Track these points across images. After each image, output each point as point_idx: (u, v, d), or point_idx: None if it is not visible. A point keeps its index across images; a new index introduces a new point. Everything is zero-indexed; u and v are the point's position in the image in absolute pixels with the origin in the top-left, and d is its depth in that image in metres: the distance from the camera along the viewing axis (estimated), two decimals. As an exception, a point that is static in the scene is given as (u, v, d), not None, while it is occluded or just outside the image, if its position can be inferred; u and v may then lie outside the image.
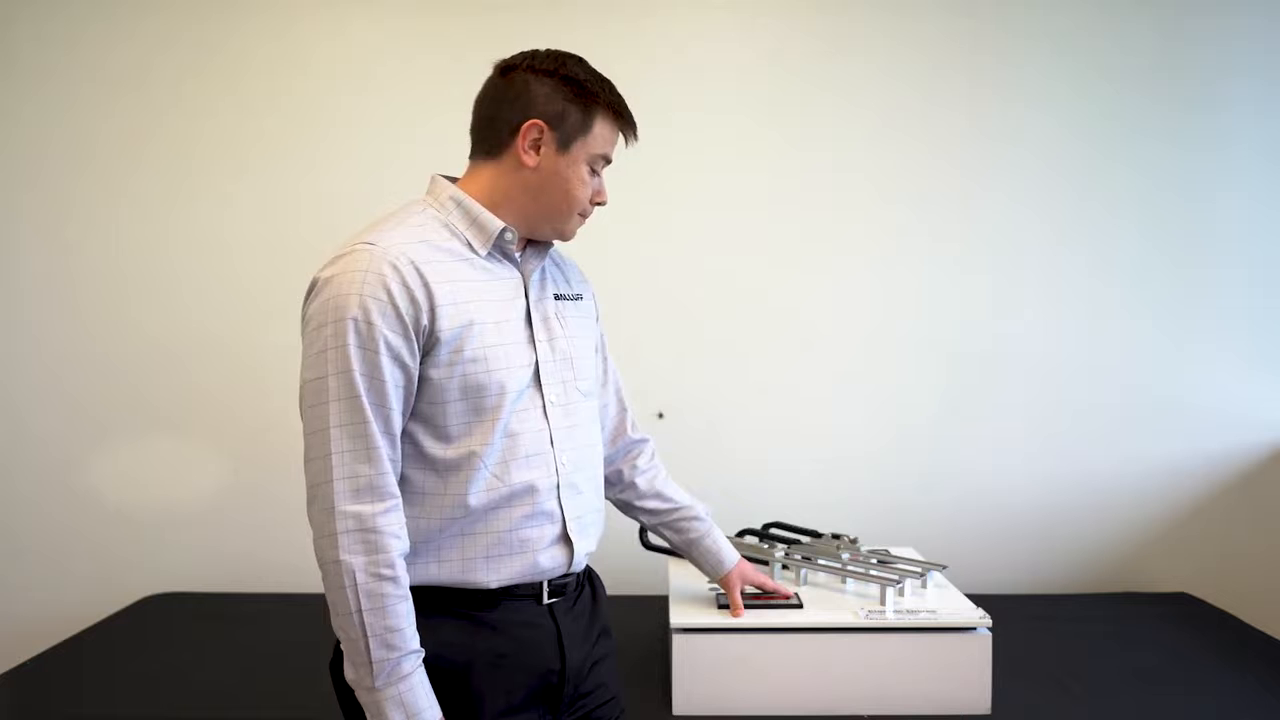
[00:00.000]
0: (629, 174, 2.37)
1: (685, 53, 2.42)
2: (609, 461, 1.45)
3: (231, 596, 2.33)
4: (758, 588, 1.68)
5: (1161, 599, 2.32)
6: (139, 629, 2.14)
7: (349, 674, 1.08)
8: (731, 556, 1.60)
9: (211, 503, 2.43)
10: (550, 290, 1.25)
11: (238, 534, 2.41)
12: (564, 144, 1.17)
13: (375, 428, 1.07)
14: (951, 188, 2.44)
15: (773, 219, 2.44)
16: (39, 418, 2.45)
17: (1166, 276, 2.46)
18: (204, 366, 2.43)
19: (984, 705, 1.65)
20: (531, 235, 1.22)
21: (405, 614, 1.07)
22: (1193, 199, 2.45)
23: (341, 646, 1.09)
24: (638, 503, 1.50)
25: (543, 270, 1.26)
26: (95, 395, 2.44)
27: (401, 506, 1.10)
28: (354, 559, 1.05)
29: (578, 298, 1.31)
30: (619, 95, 1.21)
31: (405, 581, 1.08)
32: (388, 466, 1.08)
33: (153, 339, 2.44)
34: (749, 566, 1.65)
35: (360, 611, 1.05)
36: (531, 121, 1.16)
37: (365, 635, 1.05)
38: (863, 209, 2.44)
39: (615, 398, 1.45)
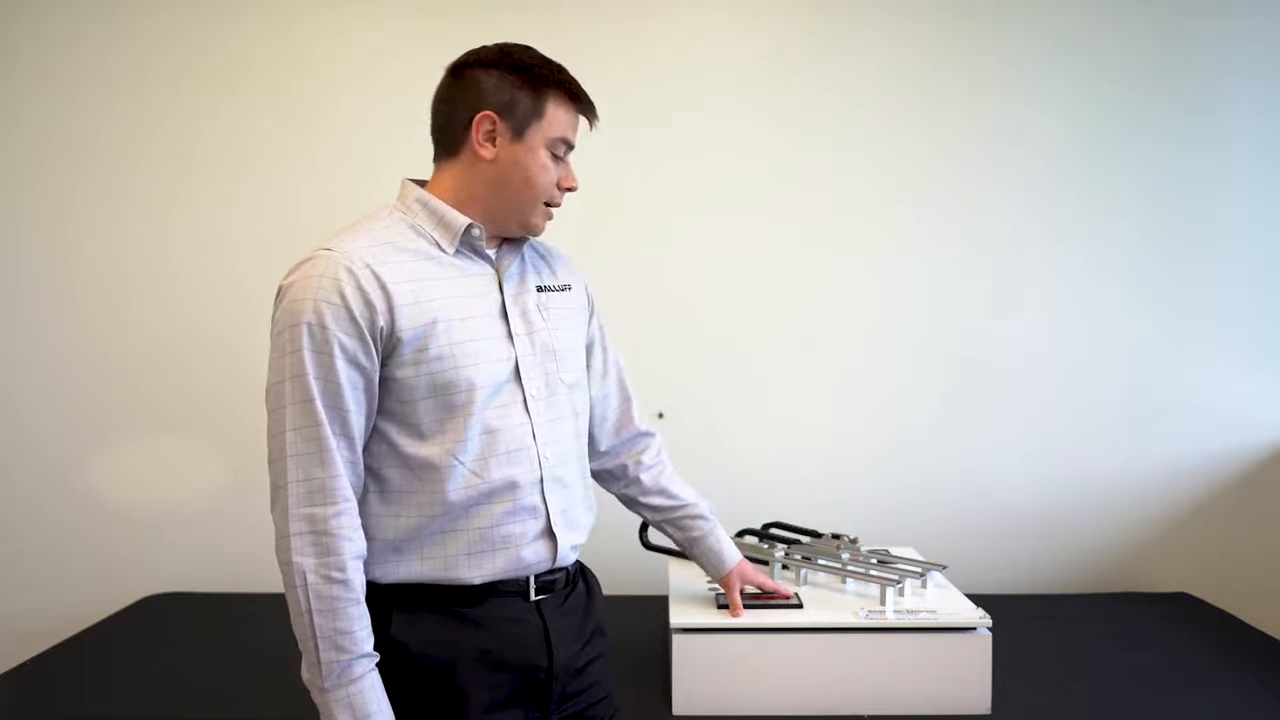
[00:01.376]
0: (629, 174, 2.39)
1: (685, 53, 2.41)
2: (614, 454, 1.45)
3: (231, 596, 2.33)
4: (757, 588, 1.68)
5: (1161, 599, 2.32)
6: (139, 629, 2.14)
7: (304, 674, 1.09)
8: (733, 556, 1.60)
9: (211, 503, 2.43)
10: (532, 283, 1.25)
11: (238, 534, 2.41)
12: (518, 131, 1.17)
13: (329, 430, 1.08)
14: (951, 188, 2.44)
15: (773, 219, 2.44)
16: (39, 417, 2.45)
17: (1166, 276, 2.46)
18: (204, 366, 2.43)
19: (984, 705, 1.65)
20: (499, 233, 1.21)
21: (356, 617, 1.08)
22: (1193, 199, 2.45)
23: (299, 646, 1.10)
24: (641, 499, 1.49)
25: (522, 262, 1.25)
26: (95, 395, 2.44)
27: (355, 510, 1.10)
28: (305, 560, 1.06)
29: (565, 288, 1.30)
30: (569, 76, 1.20)
31: (358, 584, 1.09)
32: (341, 469, 1.08)
33: (153, 339, 2.44)
34: (749, 567, 1.65)
35: (311, 613, 1.06)
36: (483, 114, 1.16)
37: (315, 636, 1.06)
38: (863, 209, 2.44)
39: (617, 387, 1.44)
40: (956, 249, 2.45)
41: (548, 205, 1.21)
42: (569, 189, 1.22)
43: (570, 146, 1.21)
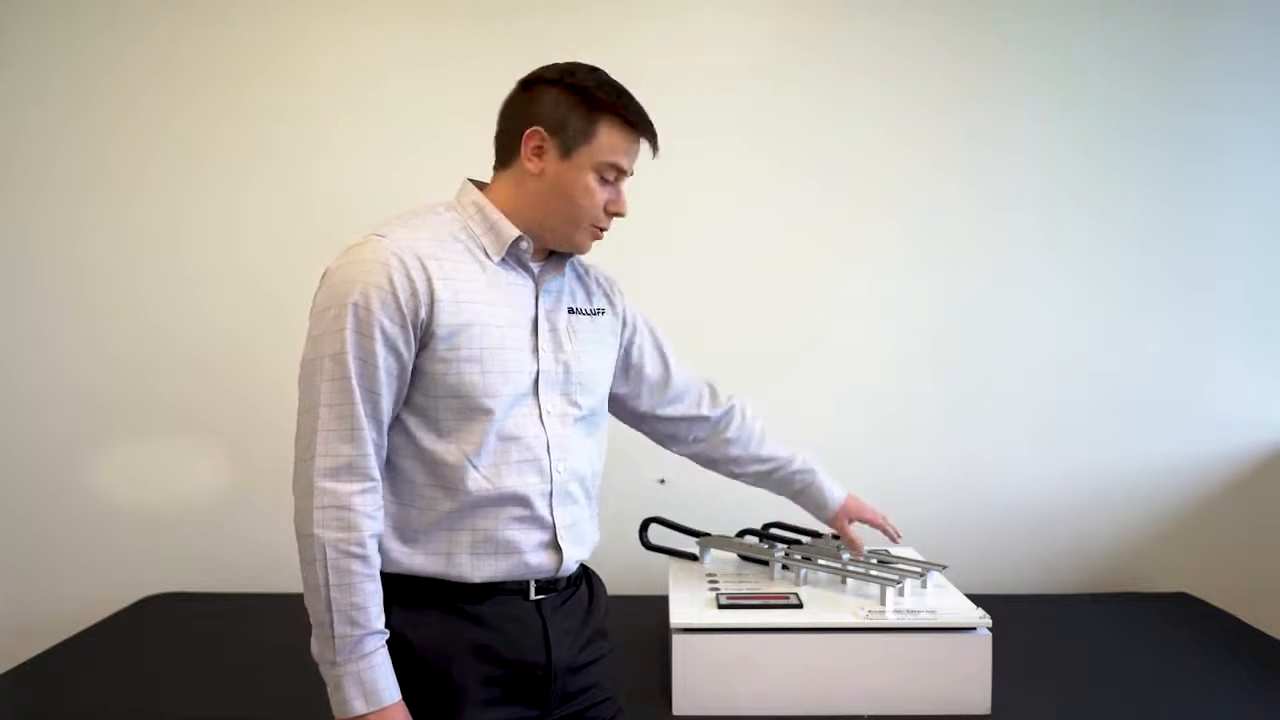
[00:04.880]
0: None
1: (681, 59, 2.41)
2: (705, 440, 1.55)
3: (231, 596, 2.33)
4: (871, 524, 1.73)
5: (1161, 599, 2.32)
6: (139, 629, 2.14)
7: (314, 649, 1.11)
8: (836, 498, 1.67)
9: (213, 502, 2.43)
10: (565, 304, 1.27)
11: (238, 534, 2.41)
12: (566, 151, 1.18)
13: (361, 410, 1.10)
14: (951, 191, 2.44)
15: (772, 223, 2.44)
16: (42, 416, 2.45)
17: (1165, 276, 2.46)
18: (207, 366, 2.43)
19: (984, 705, 1.65)
20: (546, 245, 1.23)
21: (371, 593, 1.09)
22: (1192, 201, 2.45)
23: (311, 620, 1.11)
24: (738, 470, 1.60)
25: (561, 284, 1.27)
26: (97, 394, 2.44)
27: (380, 489, 1.12)
28: (326, 534, 1.07)
29: (597, 313, 1.32)
30: (632, 102, 1.21)
31: (375, 562, 1.11)
32: (370, 449, 1.10)
33: (156, 338, 2.44)
34: (855, 502, 1.71)
35: (327, 586, 1.07)
36: (533, 129, 1.18)
37: (330, 610, 1.07)
38: (863, 212, 2.44)
39: (687, 383, 1.51)
40: (956, 251, 2.45)
41: (594, 226, 1.22)
42: (615, 214, 1.23)
43: (622, 172, 1.22)
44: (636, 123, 1.20)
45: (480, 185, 1.25)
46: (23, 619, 2.42)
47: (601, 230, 1.24)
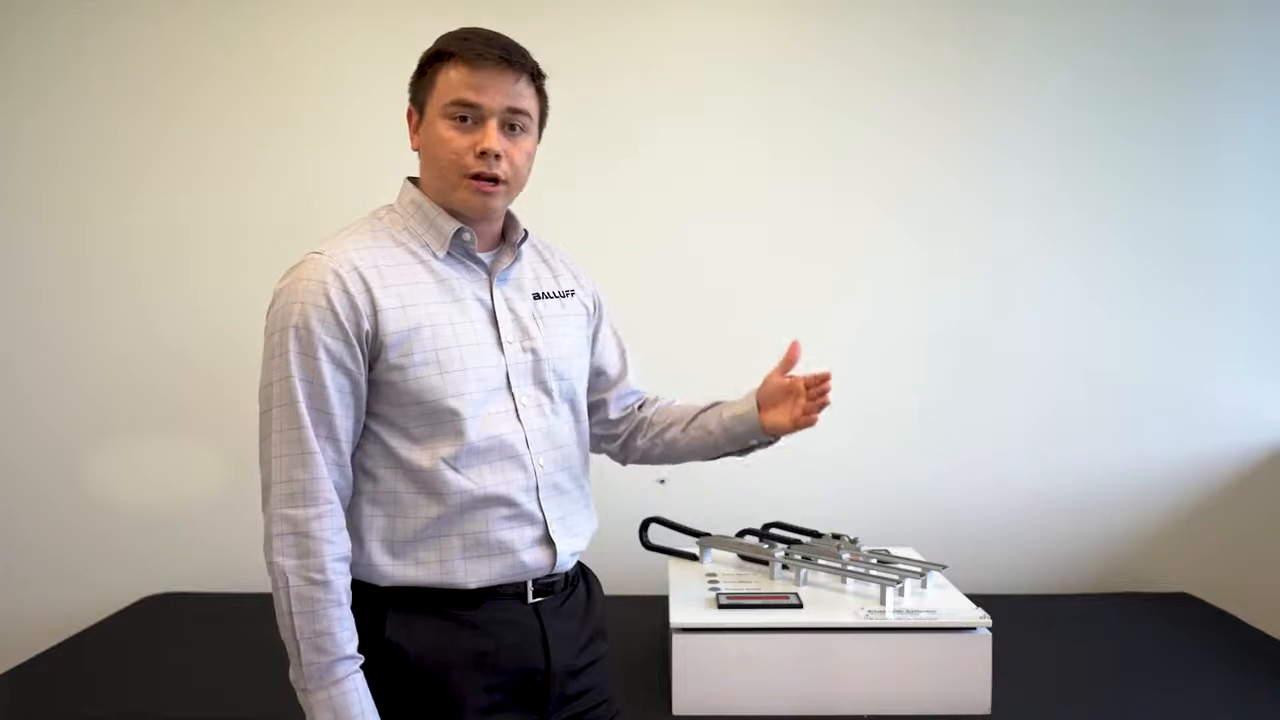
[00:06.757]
0: (624, 177, 2.39)
1: (679, 58, 2.41)
2: (617, 439, 1.42)
3: (231, 596, 2.33)
4: (778, 374, 1.40)
5: (1161, 599, 2.33)
6: (139, 629, 2.14)
7: (291, 675, 1.10)
8: (747, 400, 1.40)
9: (212, 502, 2.43)
10: (529, 289, 1.24)
11: (238, 534, 2.39)
12: (421, 113, 1.19)
13: (312, 433, 1.08)
14: (951, 190, 2.44)
15: (770, 223, 2.44)
16: (41, 416, 2.45)
17: (1165, 277, 2.46)
18: (207, 365, 2.43)
19: (984, 705, 1.65)
20: (462, 217, 1.18)
21: (338, 619, 1.07)
22: (1192, 202, 2.45)
23: (286, 648, 1.10)
24: (661, 439, 1.40)
25: (519, 266, 1.24)
26: (99, 394, 2.44)
27: (339, 512, 1.10)
28: (286, 561, 1.06)
29: (565, 294, 1.29)
30: (462, 36, 1.16)
31: (340, 587, 1.08)
32: (323, 472, 1.08)
33: (157, 338, 2.43)
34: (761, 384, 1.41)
35: (291, 614, 1.06)
36: (408, 110, 1.21)
37: (296, 638, 1.07)
38: (861, 211, 2.44)
39: (635, 382, 1.44)
40: (957, 251, 2.45)
41: (471, 178, 1.14)
42: (484, 152, 1.13)
43: (472, 106, 1.13)
44: (462, 52, 1.12)
45: (416, 180, 1.23)
46: (22, 619, 2.42)
47: (483, 180, 1.13)
